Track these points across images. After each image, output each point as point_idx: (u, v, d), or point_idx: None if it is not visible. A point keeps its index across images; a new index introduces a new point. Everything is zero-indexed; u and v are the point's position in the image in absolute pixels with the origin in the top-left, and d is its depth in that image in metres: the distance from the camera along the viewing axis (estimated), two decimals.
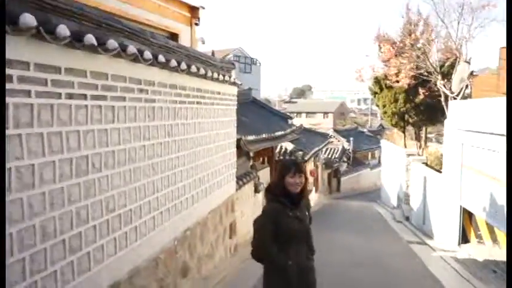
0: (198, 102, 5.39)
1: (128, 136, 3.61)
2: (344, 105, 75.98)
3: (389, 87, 18.53)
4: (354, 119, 68.46)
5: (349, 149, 33.43)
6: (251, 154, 12.08)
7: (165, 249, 4.46)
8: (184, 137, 4.91)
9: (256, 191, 9.76)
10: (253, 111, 16.45)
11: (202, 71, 5.31)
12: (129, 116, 3.64)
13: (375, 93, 21.24)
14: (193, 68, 4.93)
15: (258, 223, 3.28)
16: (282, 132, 15.15)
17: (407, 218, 14.83)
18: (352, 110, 79.30)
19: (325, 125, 51.42)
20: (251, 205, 9.29)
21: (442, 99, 13.50)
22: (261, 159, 15.85)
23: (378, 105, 21.50)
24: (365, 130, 44.59)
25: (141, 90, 3.83)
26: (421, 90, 14.75)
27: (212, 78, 5.79)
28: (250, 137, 11.14)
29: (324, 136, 29.53)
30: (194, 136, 5.23)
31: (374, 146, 39.92)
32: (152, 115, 4.08)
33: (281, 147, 19.48)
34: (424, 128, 20.11)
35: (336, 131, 35.86)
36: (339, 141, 33.72)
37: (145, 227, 4.00)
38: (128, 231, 3.66)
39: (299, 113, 59.19)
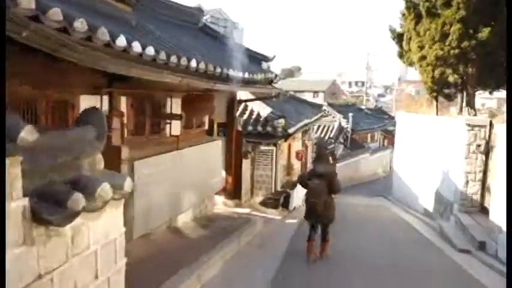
0: None
1: None
2: (335, 84, 69.06)
3: (434, 15, 11.14)
4: (346, 100, 61.89)
5: (347, 128, 26.22)
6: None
7: None
8: None
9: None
10: (200, 41, 8.94)
11: None
12: None
13: (399, 37, 13.89)
14: None
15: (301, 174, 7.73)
16: (244, 75, 7.68)
17: (481, 246, 7.63)
18: (343, 92, 72.61)
19: None
20: None
21: None
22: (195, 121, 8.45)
23: (402, 55, 14.11)
24: (363, 107, 37.38)
25: None
26: None
27: None
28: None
29: (317, 108, 22.19)
30: None
31: (375, 125, 32.81)
32: None
33: (251, 112, 12.03)
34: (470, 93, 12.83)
35: (330, 105, 28.55)
36: (334, 117, 26.47)
37: None
38: None
39: (287, 92, 51.93)
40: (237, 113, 11.75)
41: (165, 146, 6.54)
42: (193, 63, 5.35)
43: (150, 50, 4.32)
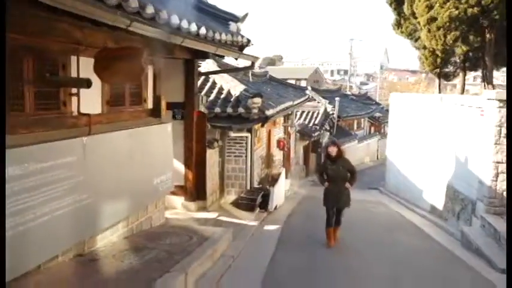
0: None
1: None
2: (318, 71, 67.03)
3: None
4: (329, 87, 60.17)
5: (333, 114, 24.02)
6: None
7: None
8: None
9: None
10: None
11: None
12: None
13: (396, 1, 11.70)
14: None
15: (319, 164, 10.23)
16: (199, 30, 5.35)
17: None
18: (325, 80, 70.75)
19: None
20: None
21: None
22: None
23: (400, 24, 11.92)
24: (349, 93, 35.29)
25: None
26: None
27: None
28: None
29: (300, 91, 19.99)
30: None
31: (362, 112, 30.84)
32: None
33: (220, 90, 9.67)
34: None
35: (314, 90, 26.27)
36: (318, 102, 24.18)
37: None
38: None
39: (266, 72, 49.51)
40: (203, 92, 9.41)
41: (66, 129, 4.15)
42: None
43: None
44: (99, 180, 4.40)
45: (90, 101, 4.56)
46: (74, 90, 4.27)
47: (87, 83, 4.00)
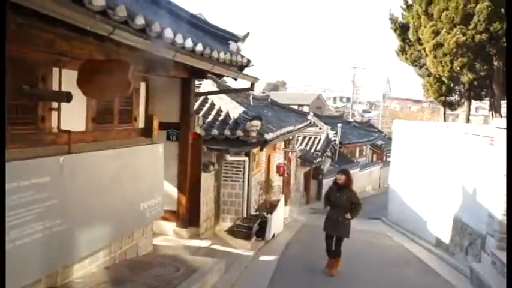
0: None
1: None
2: (321, 98, 67.20)
3: None
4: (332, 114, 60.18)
5: (334, 141, 23.69)
6: None
7: None
8: None
9: None
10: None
11: None
12: None
13: (401, 28, 11.55)
14: None
15: (327, 190, 7.04)
16: (196, 46, 5.05)
17: None
18: (328, 107, 70.82)
19: None
20: None
21: None
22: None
23: (404, 50, 11.74)
24: (351, 120, 35.08)
25: None
26: None
27: None
28: None
29: (302, 116, 19.69)
30: None
31: (364, 139, 30.51)
32: None
33: (218, 112, 9.36)
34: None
35: (316, 115, 26.05)
36: (320, 128, 23.90)
37: None
38: None
39: (267, 96, 49.69)
40: (201, 113, 9.12)
41: (41, 147, 3.78)
42: None
43: None
44: (76, 203, 4.01)
45: (73, 117, 4.22)
46: (55, 105, 3.94)
47: (67, 97, 3.65)
